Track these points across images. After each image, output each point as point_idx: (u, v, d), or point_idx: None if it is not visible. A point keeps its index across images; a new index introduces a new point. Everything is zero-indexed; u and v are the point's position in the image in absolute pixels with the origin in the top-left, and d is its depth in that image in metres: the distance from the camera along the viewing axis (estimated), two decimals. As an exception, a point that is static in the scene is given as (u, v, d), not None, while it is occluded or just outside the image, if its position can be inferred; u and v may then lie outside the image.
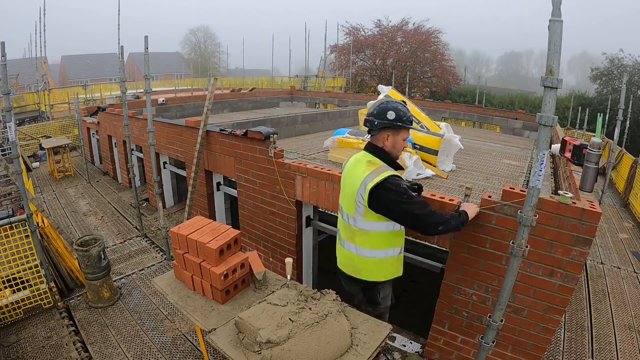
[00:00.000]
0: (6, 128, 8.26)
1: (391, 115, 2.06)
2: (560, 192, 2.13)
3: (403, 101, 2.20)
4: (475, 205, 2.26)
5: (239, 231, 2.38)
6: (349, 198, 2.17)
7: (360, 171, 2.09)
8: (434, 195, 2.57)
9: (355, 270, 2.27)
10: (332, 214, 3.48)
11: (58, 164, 9.02)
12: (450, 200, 2.51)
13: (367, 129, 2.26)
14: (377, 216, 2.08)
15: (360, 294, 2.36)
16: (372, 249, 2.17)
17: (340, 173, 2.81)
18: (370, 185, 1.99)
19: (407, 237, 2.78)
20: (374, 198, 2.01)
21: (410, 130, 3.02)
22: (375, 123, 2.09)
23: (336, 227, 2.48)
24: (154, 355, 2.95)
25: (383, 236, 2.16)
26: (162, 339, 3.13)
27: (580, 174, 2.98)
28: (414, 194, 2.06)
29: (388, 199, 2.00)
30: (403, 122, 2.08)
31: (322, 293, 2.10)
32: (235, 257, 2.34)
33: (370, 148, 2.19)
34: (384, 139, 2.13)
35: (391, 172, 2.04)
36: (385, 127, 2.09)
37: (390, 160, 2.16)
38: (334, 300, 2.04)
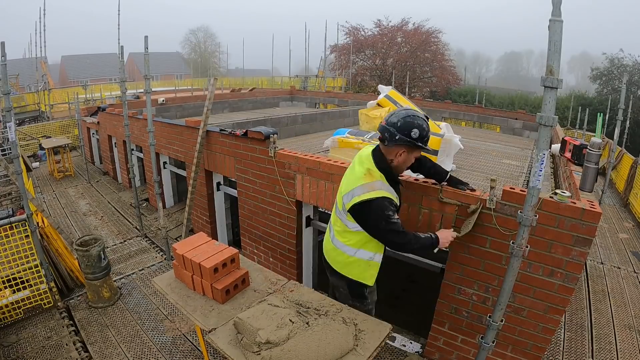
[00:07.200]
0: (6, 128, 8.26)
1: (415, 134, 1.94)
2: (557, 191, 2.13)
3: (426, 116, 2.06)
4: (450, 232, 2.14)
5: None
6: (341, 194, 2.16)
7: (357, 176, 2.06)
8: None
9: (335, 263, 2.27)
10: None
11: (58, 164, 9.02)
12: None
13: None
14: None
15: (346, 288, 2.31)
16: (345, 243, 2.17)
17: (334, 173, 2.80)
18: (357, 199, 1.98)
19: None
20: (355, 210, 2.01)
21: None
22: (397, 137, 1.94)
23: None
24: (154, 355, 2.95)
25: (359, 236, 2.12)
26: (162, 339, 3.13)
27: (580, 174, 2.97)
28: (396, 217, 1.98)
29: (368, 218, 2.00)
30: (423, 143, 1.98)
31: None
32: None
33: (378, 157, 2.08)
34: (397, 154, 2.02)
35: (382, 193, 1.97)
36: (405, 144, 1.97)
37: (392, 176, 2.09)
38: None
